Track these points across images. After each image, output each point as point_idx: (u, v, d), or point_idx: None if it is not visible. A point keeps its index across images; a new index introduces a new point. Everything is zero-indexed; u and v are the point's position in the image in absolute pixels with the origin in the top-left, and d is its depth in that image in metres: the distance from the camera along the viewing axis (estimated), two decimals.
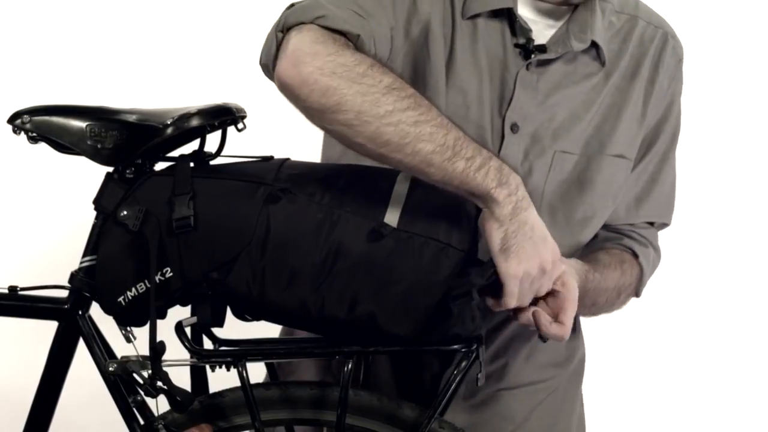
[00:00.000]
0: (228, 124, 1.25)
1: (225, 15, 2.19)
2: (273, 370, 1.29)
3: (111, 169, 1.21)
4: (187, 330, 1.18)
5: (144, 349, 1.16)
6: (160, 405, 1.23)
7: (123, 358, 1.20)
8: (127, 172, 1.20)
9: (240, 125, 1.24)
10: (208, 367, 1.22)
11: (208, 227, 1.13)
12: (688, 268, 2.24)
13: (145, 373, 1.17)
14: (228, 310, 1.19)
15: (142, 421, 1.23)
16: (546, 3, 1.30)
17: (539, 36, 1.29)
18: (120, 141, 1.18)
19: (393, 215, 1.11)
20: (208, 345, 1.22)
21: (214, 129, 1.25)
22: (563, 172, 1.32)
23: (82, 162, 1.22)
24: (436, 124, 1.07)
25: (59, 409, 1.27)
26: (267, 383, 1.27)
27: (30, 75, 2.14)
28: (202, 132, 1.23)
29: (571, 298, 1.16)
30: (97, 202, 1.20)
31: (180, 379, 1.18)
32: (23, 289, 1.26)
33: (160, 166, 1.23)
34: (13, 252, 2.19)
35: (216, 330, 1.22)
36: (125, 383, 1.22)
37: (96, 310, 1.21)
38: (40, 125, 1.19)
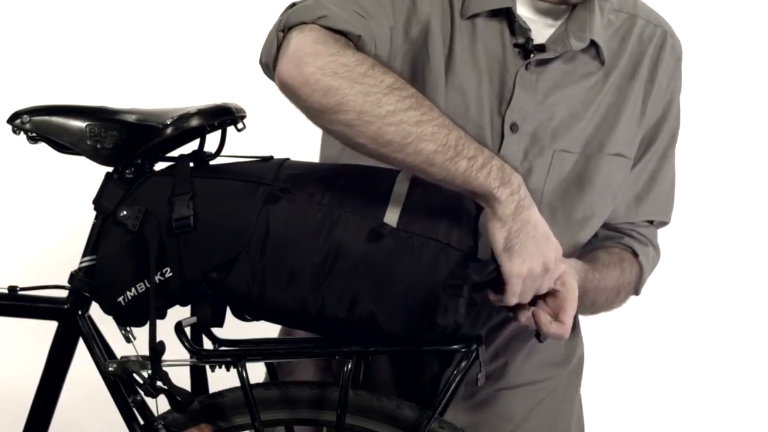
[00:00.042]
0: (228, 124, 1.25)
1: (225, 15, 2.19)
2: (273, 370, 1.29)
3: (111, 169, 1.21)
4: (187, 330, 1.18)
5: (144, 349, 1.16)
6: (159, 405, 1.23)
7: (123, 358, 1.20)
8: (127, 172, 1.20)
9: (239, 125, 1.24)
10: (207, 367, 1.22)
11: (207, 227, 1.13)
12: (686, 267, 2.23)
13: (145, 373, 1.17)
14: (228, 310, 1.19)
15: (141, 421, 1.23)
16: (545, 2, 1.30)
17: (538, 35, 1.29)
18: (120, 141, 1.18)
19: (393, 215, 1.11)
20: (207, 345, 1.22)
21: (213, 129, 1.25)
22: (563, 171, 1.32)
23: (81, 162, 1.22)
24: (437, 123, 1.07)
25: (59, 409, 1.27)
26: (267, 383, 1.27)
27: (30, 75, 2.14)
28: (201, 132, 1.23)
29: (571, 297, 1.17)
30: (97, 202, 1.20)
31: (180, 379, 1.18)
32: (23, 289, 1.26)
33: (159, 166, 1.23)
34: (13, 252, 2.19)
35: (216, 330, 1.22)
36: (125, 383, 1.22)
37: (96, 310, 1.21)
38: (39, 125, 1.19)
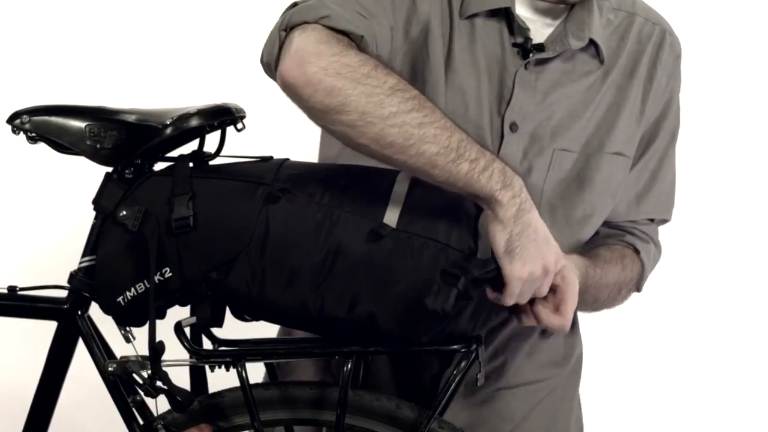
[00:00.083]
0: (227, 124, 1.25)
1: (224, 15, 2.19)
2: (272, 370, 1.29)
3: (110, 169, 1.21)
4: (187, 330, 1.18)
5: (143, 350, 1.16)
6: (159, 405, 1.23)
7: (122, 358, 1.20)
8: (127, 172, 1.20)
9: (239, 125, 1.24)
10: (207, 367, 1.22)
11: (207, 227, 1.13)
12: (685, 266, 2.23)
13: (145, 373, 1.17)
14: (227, 310, 1.19)
15: (141, 421, 1.23)
16: (543, 2, 1.30)
17: (537, 35, 1.29)
18: (119, 141, 1.18)
19: (392, 215, 1.11)
20: (207, 345, 1.22)
21: (213, 129, 1.25)
22: (562, 170, 1.32)
23: (81, 162, 1.22)
24: (440, 126, 1.07)
25: (59, 409, 1.27)
26: (266, 383, 1.27)
27: (30, 75, 2.14)
28: (201, 132, 1.23)
29: (571, 290, 1.17)
30: (97, 202, 1.20)
31: (179, 380, 1.17)
32: (22, 289, 1.26)
33: (159, 166, 1.23)
34: (13, 252, 2.19)
35: (215, 330, 1.22)
36: (124, 383, 1.22)
37: (95, 310, 1.21)
38: (39, 125, 1.19)
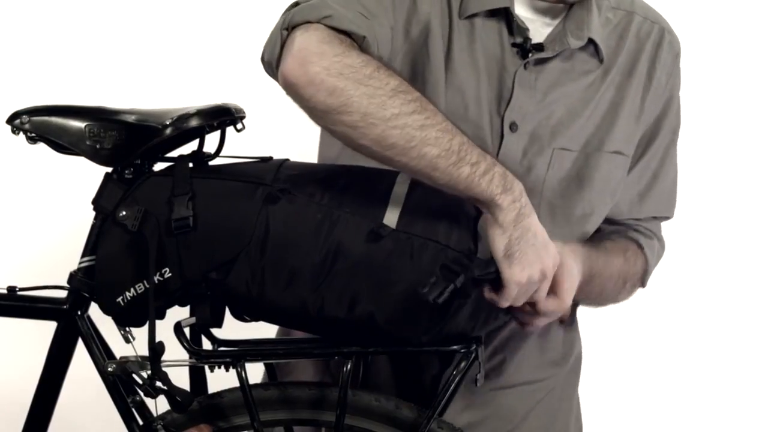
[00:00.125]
0: (227, 124, 1.25)
1: (224, 15, 2.19)
2: (272, 370, 1.29)
3: (110, 170, 1.21)
4: (186, 330, 1.18)
5: (143, 350, 1.16)
6: (159, 405, 1.23)
7: (122, 358, 1.20)
8: (126, 172, 1.20)
9: (239, 125, 1.24)
10: (207, 368, 1.22)
11: (207, 227, 1.13)
12: (684, 265, 2.23)
13: (144, 374, 1.17)
14: (227, 310, 1.19)
15: (141, 422, 1.23)
16: (542, 1, 1.30)
17: (536, 34, 1.29)
18: (119, 141, 1.18)
19: (392, 216, 1.11)
20: (207, 345, 1.22)
21: (213, 129, 1.25)
22: (562, 169, 1.32)
23: (81, 162, 1.22)
24: (441, 128, 1.07)
25: (58, 409, 1.27)
26: (266, 384, 1.27)
27: (30, 75, 2.14)
28: (201, 132, 1.23)
29: (568, 272, 1.17)
30: (96, 202, 1.20)
31: (179, 380, 1.17)
32: (22, 290, 1.26)
33: (159, 166, 1.23)
34: (12, 252, 2.19)
35: (215, 330, 1.22)
36: (124, 383, 1.22)
37: (95, 310, 1.21)
38: (39, 125, 1.19)
